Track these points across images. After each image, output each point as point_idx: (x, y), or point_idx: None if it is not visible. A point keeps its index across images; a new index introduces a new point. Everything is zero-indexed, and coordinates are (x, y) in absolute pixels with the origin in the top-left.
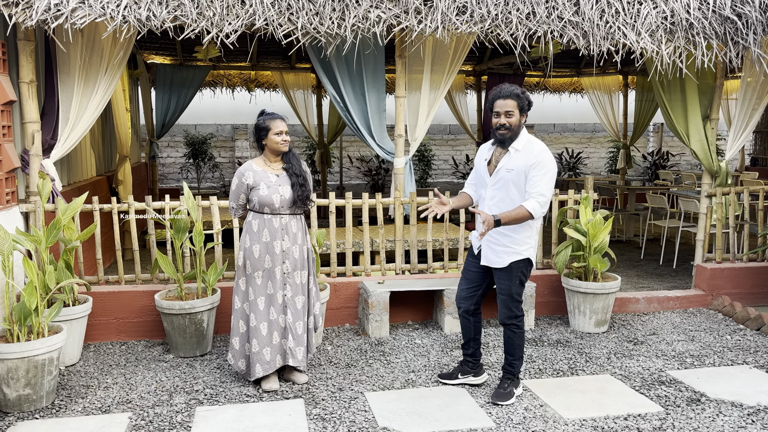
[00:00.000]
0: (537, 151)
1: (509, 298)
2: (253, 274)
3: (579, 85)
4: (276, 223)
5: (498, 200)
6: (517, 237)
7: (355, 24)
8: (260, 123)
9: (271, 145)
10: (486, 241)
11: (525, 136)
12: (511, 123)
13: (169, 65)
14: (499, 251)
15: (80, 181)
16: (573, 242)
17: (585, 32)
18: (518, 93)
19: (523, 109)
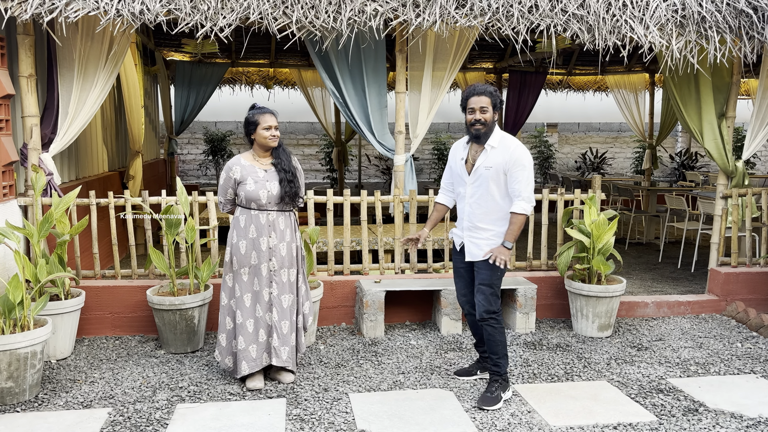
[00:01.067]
0: (512, 147)
1: (488, 289)
2: (240, 271)
3: (604, 84)
4: (263, 219)
5: (478, 197)
6: (498, 230)
7: (351, 18)
8: (249, 117)
9: (259, 140)
10: (468, 237)
11: (498, 132)
12: (485, 119)
13: (188, 62)
14: (481, 244)
15: (89, 176)
16: (577, 243)
17: (590, 26)
18: (491, 90)
19: (496, 105)
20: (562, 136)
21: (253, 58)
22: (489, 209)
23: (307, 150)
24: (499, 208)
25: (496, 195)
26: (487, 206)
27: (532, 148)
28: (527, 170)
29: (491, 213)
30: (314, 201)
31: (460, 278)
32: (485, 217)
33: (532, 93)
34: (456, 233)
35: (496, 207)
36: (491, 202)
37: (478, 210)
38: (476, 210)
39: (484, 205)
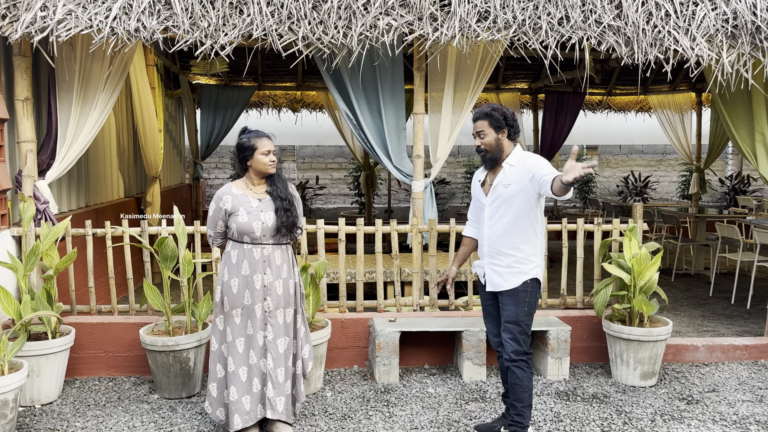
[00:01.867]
0: (532, 159)
1: (516, 327)
2: (231, 312)
3: (646, 104)
4: (257, 254)
5: (497, 219)
6: (521, 255)
7: (362, 33)
8: (244, 142)
9: (257, 166)
10: (489, 265)
11: (518, 152)
12: (484, 143)
13: (214, 86)
14: (503, 272)
15: (101, 203)
16: (615, 280)
17: (628, 38)
18: (487, 112)
19: (498, 126)
20: (602, 158)
21: (280, 81)
22: (509, 231)
23: (336, 174)
24: (521, 229)
25: (516, 215)
26: (507, 227)
27: None
28: (548, 167)
29: (512, 235)
30: (325, 231)
31: (490, 316)
32: (506, 241)
33: (569, 114)
34: (478, 264)
35: (517, 228)
36: (511, 223)
37: (498, 232)
38: (495, 232)
39: (504, 227)
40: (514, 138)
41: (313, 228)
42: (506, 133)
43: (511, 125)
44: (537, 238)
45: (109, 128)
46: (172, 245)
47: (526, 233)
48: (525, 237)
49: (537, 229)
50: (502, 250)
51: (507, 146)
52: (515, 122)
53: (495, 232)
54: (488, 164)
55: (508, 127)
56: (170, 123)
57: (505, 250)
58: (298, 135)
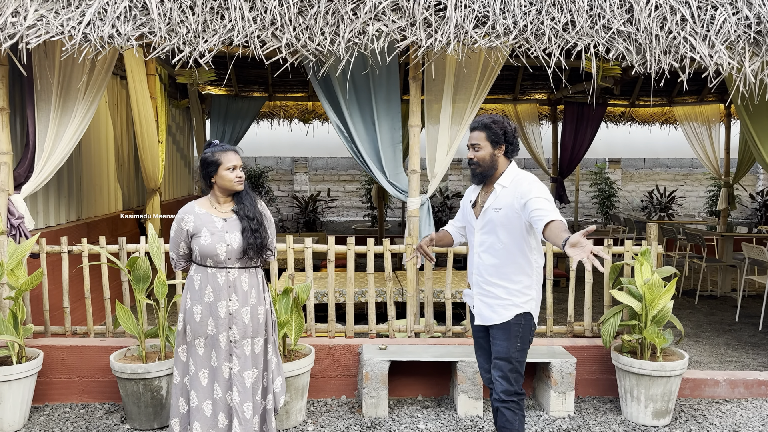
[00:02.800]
0: (526, 183)
1: (507, 364)
2: (194, 342)
3: (671, 116)
4: (221, 278)
5: (487, 246)
6: (513, 287)
7: (350, 40)
8: (207, 156)
9: (222, 183)
10: (478, 296)
11: (513, 171)
12: (478, 157)
13: (224, 96)
14: (493, 305)
15: (95, 217)
16: (625, 308)
17: (640, 45)
18: (486, 123)
19: (496, 141)
20: (625, 172)
21: (291, 92)
22: (500, 261)
23: (348, 186)
24: (512, 260)
25: (508, 243)
26: (498, 257)
27: (591, 185)
28: (544, 197)
29: (503, 265)
30: (312, 250)
31: (481, 350)
32: (496, 271)
33: (590, 126)
34: (468, 294)
35: (509, 258)
36: (502, 252)
37: (488, 261)
38: (486, 261)
39: (494, 255)
40: (511, 156)
41: (301, 247)
42: (503, 150)
43: (510, 142)
44: (532, 268)
45: (107, 138)
46: (145, 265)
47: (518, 263)
48: (518, 267)
49: (531, 258)
50: (493, 280)
51: (502, 164)
52: (515, 139)
53: (485, 260)
54: (477, 180)
55: (506, 143)
56: (177, 134)
57: (496, 281)
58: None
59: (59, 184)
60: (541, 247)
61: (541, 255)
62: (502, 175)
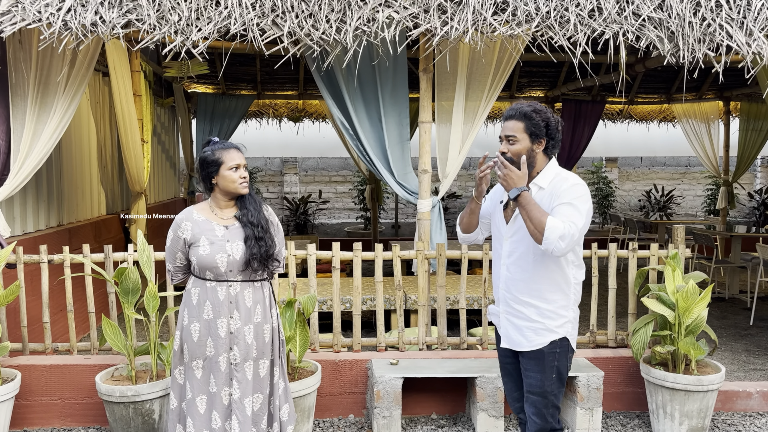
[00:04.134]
0: (568, 185)
1: (542, 400)
2: (191, 364)
3: (670, 113)
4: (222, 293)
5: (518, 257)
6: (547, 307)
7: (358, 28)
8: (208, 155)
9: (224, 185)
10: (506, 315)
11: (553, 169)
12: (512, 152)
13: (211, 94)
14: (523, 328)
15: (77, 222)
16: (656, 317)
17: (672, 33)
18: (527, 112)
19: (535, 134)
20: (622, 171)
21: (281, 89)
22: (533, 274)
23: (340, 187)
24: (547, 275)
25: (542, 254)
26: (530, 270)
27: (589, 184)
28: (584, 207)
29: (536, 279)
30: (316, 257)
31: (509, 376)
32: (528, 287)
33: (588, 124)
34: (493, 311)
35: (543, 271)
36: (536, 264)
37: (518, 275)
38: (515, 275)
39: (526, 268)
40: (551, 154)
41: (303, 254)
42: (543, 145)
43: (553, 137)
44: (569, 285)
45: (89, 138)
46: (134, 277)
47: (554, 279)
48: (553, 284)
49: (569, 273)
50: (523, 298)
51: (540, 162)
52: (558, 134)
53: (514, 273)
54: None
55: (548, 138)
56: (163, 134)
57: (527, 299)
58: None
59: (38, 187)
60: (581, 260)
61: (582, 269)
62: (539, 175)
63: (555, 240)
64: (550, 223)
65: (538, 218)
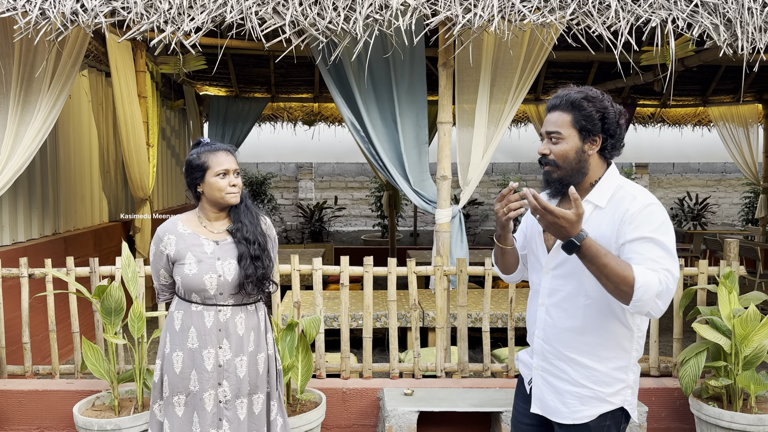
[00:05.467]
0: (639, 206)
1: None
2: (172, 399)
3: (705, 117)
4: (209, 319)
5: (561, 299)
6: (601, 369)
7: (369, 16)
8: (192, 159)
9: (210, 194)
10: (541, 372)
11: (613, 180)
12: (556, 153)
13: (223, 97)
14: (564, 392)
15: (76, 230)
16: (708, 346)
17: (729, 21)
18: (575, 99)
19: (588, 129)
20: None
21: (295, 92)
22: (584, 324)
23: (357, 194)
24: (604, 326)
25: (598, 297)
26: (581, 318)
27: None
28: (668, 238)
29: (588, 332)
30: (322, 272)
31: None
32: (575, 340)
33: None
34: (524, 360)
35: (599, 322)
36: (589, 310)
37: (562, 322)
38: (558, 322)
39: (574, 315)
40: (610, 156)
41: (308, 269)
42: (599, 145)
43: (612, 133)
44: (632, 340)
45: (90, 142)
46: (116, 295)
47: (612, 330)
48: (611, 337)
49: (633, 324)
50: (567, 354)
51: (595, 167)
52: (620, 129)
53: (557, 320)
54: (552, 189)
55: (605, 134)
56: (172, 137)
57: (573, 356)
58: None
59: (31, 193)
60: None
61: (647, 319)
62: (594, 186)
63: (651, 300)
64: (641, 277)
65: (620, 273)
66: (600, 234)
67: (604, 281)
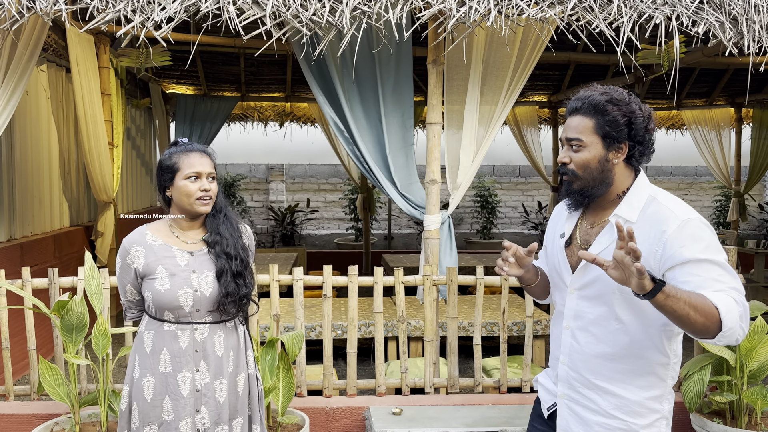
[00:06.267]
0: (679, 222)
1: None
2: (143, 430)
3: (678, 120)
4: (184, 340)
5: (590, 322)
6: (633, 398)
7: (357, 8)
8: (164, 159)
9: (179, 200)
10: (567, 401)
11: (643, 190)
12: (577, 162)
13: (191, 96)
14: (592, 422)
15: (33, 235)
16: (712, 360)
17: (735, 18)
18: (598, 102)
19: (612, 135)
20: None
21: (267, 91)
22: (615, 351)
23: (330, 196)
24: (637, 353)
25: (630, 322)
26: (612, 343)
27: None
28: (722, 267)
29: (620, 358)
30: (304, 282)
31: None
32: (605, 367)
33: None
34: (544, 384)
35: (632, 349)
36: (623, 335)
37: (592, 348)
38: (587, 347)
39: (605, 341)
40: (638, 164)
41: (289, 279)
42: (625, 153)
43: (641, 139)
44: (668, 367)
45: (49, 142)
46: (78, 311)
47: (646, 357)
48: (645, 364)
49: (669, 351)
50: (597, 382)
51: (621, 176)
52: (648, 135)
53: (585, 345)
54: (573, 201)
55: (632, 141)
56: (138, 137)
57: (603, 384)
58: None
59: None
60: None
61: (680, 336)
62: (623, 198)
63: (737, 326)
64: (723, 306)
65: (702, 308)
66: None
67: (691, 323)
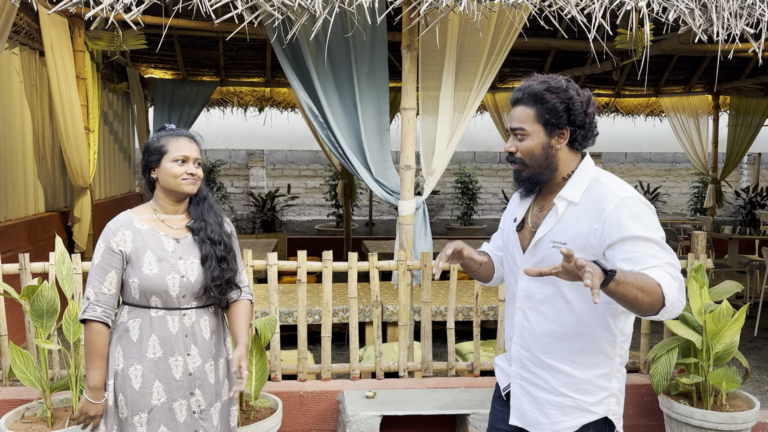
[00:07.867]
0: (617, 201)
1: None
2: (132, 419)
3: (657, 107)
4: (173, 324)
5: (540, 301)
6: (581, 376)
7: None
8: (152, 142)
9: (165, 181)
10: (520, 380)
11: (587, 173)
12: (522, 151)
13: (170, 80)
14: (543, 401)
15: (7, 220)
16: (679, 342)
17: (704, 5)
18: (538, 91)
19: (552, 122)
20: (606, 167)
21: (246, 76)
22: (563, 329)
23: (310, 182)
24: (584, 331)
25: (576, 300)
26: (560, 322)
27: None
28: (659, 245)
29: (568, 337)
30: (280, 268)
31: None
32: (554, 346)
33: None
34: (501, 366)
35: (579, 327)
36: (571, 314)
37: (541, 327)
38: (537, 326)
39: (554, 320)
40: (581, 147)
41: (263, 264)
42: (566, 137)
43: (581, 123)
44: (615, 344)
45: (23, 126)
46: (49, 296)
47: (593, 335)
48: (593, 342)
49: (615, 329)
50: (547, 360)
51: (565, 161)
52: (588, 118)
53: (536, 324)
54: (523, 188)
55: (572, 126)
56: (115, 122)
57: (553, 363)
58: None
59: None
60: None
61: (631, 316)
62: (567, 181)
63: (676, 299)
64: (664, 282)
65: (647, 287)
66: (577, 232)
67: (638, 303)
